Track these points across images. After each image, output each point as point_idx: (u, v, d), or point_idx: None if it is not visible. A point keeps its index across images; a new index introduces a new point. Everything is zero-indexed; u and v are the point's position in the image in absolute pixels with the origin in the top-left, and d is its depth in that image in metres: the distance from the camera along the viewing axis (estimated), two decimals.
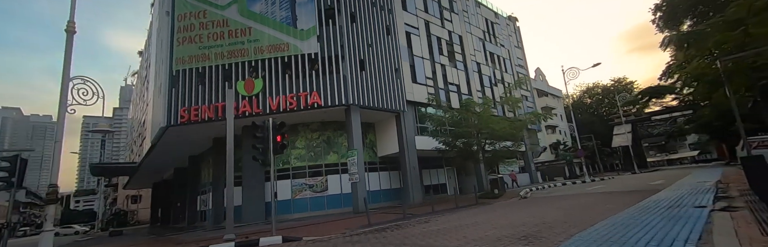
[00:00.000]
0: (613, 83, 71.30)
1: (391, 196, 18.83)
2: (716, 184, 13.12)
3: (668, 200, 9.87)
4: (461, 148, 17.45)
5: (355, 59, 15.95)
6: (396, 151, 18.26)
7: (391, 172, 19.42)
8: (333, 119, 17.03)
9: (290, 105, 14.42)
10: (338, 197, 16.79)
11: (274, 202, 8.74)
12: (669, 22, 24.44)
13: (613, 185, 19.14)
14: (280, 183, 16.43)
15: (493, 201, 15.51)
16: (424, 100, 18.86)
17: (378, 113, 17.59)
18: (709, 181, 15.49)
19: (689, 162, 79.28)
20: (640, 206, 9.03)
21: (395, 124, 18.41)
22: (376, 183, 18.57)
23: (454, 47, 23.39)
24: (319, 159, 16.84)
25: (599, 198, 12.42)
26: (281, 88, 14.65)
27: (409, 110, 18.68)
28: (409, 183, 17.74)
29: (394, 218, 11.72)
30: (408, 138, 18.22)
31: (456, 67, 22.93)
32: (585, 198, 12.82)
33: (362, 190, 15.13)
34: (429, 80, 20.33)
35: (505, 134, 16.55)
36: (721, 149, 73.35)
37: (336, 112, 15.84)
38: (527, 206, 11.81)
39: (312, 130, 16.99)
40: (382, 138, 19.06)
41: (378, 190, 18.56)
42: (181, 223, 22.19)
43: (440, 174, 22.69)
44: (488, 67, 26.40)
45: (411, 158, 18.16)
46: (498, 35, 29.29)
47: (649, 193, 12.66)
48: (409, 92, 18.62)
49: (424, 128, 19.62)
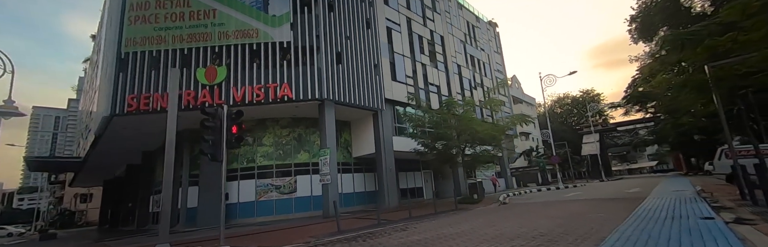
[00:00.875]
0: (582, 94, 73.07)
1: (365, 199, 17.46)
2: (699, 193, 12.55)
3: (662, 210, 9.04)
4: (440, 150, 16.34)
5: (331, 51, 14.60)
6: (372, 151, 16.96)
7: (367, 174, 18.07)
8: (305, 115, 15.55)
9: (257, 97, 12.86)
10: (308, 199, 15.26)
11: (223, 205, 7.19)
12: (644, 33, 24.54)
13: (590, 192, 18.53)
14: (243, 183, 14.74)
15: (473, 207, 14.43)
16: (403, 99, 17.70)
17: (354, 111, 16.25)
18: (686, 190, 15.06)
19: (648, 172, 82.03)
20: (638, 216, 8.09)
21: (372, 123, 17.13)
22: (350, 185, 17.15)
23: (435, 47, 22.44)
24: (289, 158, 15.27)
25: (585, 206, 11.54)
26: (248, 78, 13.07)
27: (387, 109, 17.44)
28: (385, 186, 16.45)
29: (368, 224, 10.38)
30: (385, 138, 16.96)
31: (437, 68, 21.96)
32: (571, 206, 11.92)
33: (334, 192, 13.69)
34: (409, 79, 19.21)
35: (487, 136, 15.57)
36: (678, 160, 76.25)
37: (309, 107, 14.38)
38: (512, 214, 10.75)
39: (282, 126, 15.43)
40: (357, 138, 17.70)
41: (351, 192, 17.15)
42: (131, 225, 19.89)
43: (417, 177, 21.51)
44: (469, 70, 25.63)
45: (388, 159, 16.89)
46: (479, 39, 28.70)
47: (635, 201, 11.91)
48: (388, 90, 17.41)
49: (403, 129, 18.42)
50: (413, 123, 16.71)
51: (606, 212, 9.25)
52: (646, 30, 24.03)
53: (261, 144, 15.06)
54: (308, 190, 15.31)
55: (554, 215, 9.53)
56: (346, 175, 17.10)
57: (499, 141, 16.65)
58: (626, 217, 8.11)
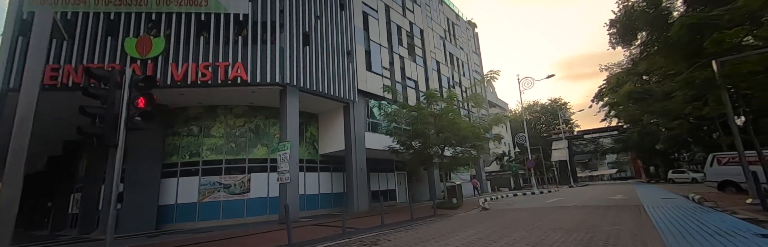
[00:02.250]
0: (551, 102, 73.82)
1: (331, 202, 15.13)
2: (699, 201, 11.10)
3: (684, 221, 7.33)
4: (417, 149, 14.29)
5: (297, 31, 12.31)
6: (341, 148, 14.69)
7: (334, 173, 15.76)
8: (265, 104, 13.12)
9: (203, 77, 10.35)
10: (263, 201, 12.77)
11: (113, 209, 4.76)
12: (624, 37, 23.68)
13: (572, 198, 16.99)
14: (184, 181, 12.07)
15: (453, 212, 12.42)
16: (378, 92, 15.61)
17: (323, 102, 13.98)
18: (674, 198, 13.74)
19: (608, 179, 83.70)
20: (669, 231, 6.28)
21: (343, 116, 14.90)
22: (315, 186, 14.79)
23: (414, 40, 20.55)
24: (243, 152, 12.74)
25: (583, 214, 9.75)
26: (193, 54, 10.55)
27: (360, 102, 15.26)
28: (355, 187, 14.20)
29: (330, 234, 8.13)
30: (357, 134, 14.75)
31: (415, 62, 20.04)
32: (567, 214, 10.11)
33: (294, 193, 11.33)
34: (386, 71, 17.15)
35: (470, 134, 13.66)
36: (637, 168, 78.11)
37: (268, 94, 12.00)
38: (504, 223, 8.77)
39: (236, 115, 12.89)
40: (326, 133, 15.39)
41: (316, 194, 14.78)
42: (44, 230, 16.52)
43: (391, 179, 19.36)
44: (448, 68, 23.90)
45: (359, 157, 14.67)
46: (458, 37, 27.14)
47: (633, 209, 10.28)
48: (362, 81, 15.25)
49: (377, 125, 16.27)
50: (389, 118, 14.59)
51: (619, 224, 7.42)
52: (627, 34, 23.14)
53: (209, 135, 12.46)
54: (264, 190, 12.82)
55: (559, 225, 7.61)
56: (311, 174, 14.73)
57: (482, 140, 14.80)
58: (654, 231, 6.29)
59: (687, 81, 10.79)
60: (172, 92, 10.93)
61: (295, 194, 11.36)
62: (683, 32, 11.20)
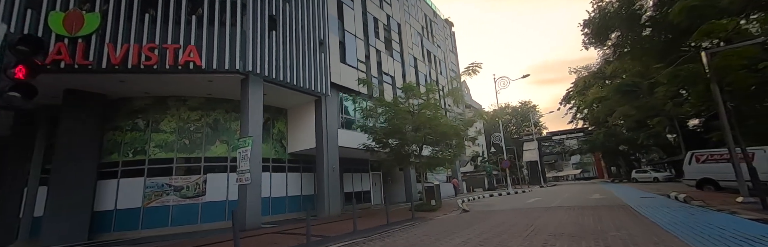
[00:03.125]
0: (521, 105, 75.00)
1: (300, 205, 13.66)
2: (685, 200, 10.49)
3: (694, 225, 6.47)
4: (394, 148, 13.09)
5: (262, 13, 10.85)
6: (312, 146, 13.26)
7: (304, 174, 14.29)
8: (225, 95, 11.54)
9: (147, 61, 8.70)
10: (221, 205, 11.14)
11: None
12: (598, 36, 23.54)
13: (550, 199, 16.29)
14: (126, 183, 10.26)
15: (432, 215, 11.27)
16: (353, 86, 14.31)
17: (291, 95, 12.54)
18: (654, 197, 13.25)
19: (573, 179, 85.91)
20: (687, 236, 5.35)
21: (314, 112, 13.48)
22: (282, 187, 13.27)
23: (391, 34, 19.42)
24: (198, 150, 11.07)
25: (576, 216, 8.83)
26: (135, 33, 8.88)
27: (333, 96, 13.91)
28: (326, 189, 12.79)
29: (292, 244, 6.74)
30: (329, 131, 13.37)
31: (392, 57, 18.89)
32: (557, 215, 9.18)
33: (255, 196, 9.82)
34: (361, 64, 15.88)
35: (451, 131, 12.60)
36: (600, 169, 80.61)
37: (228, 83, 10.46)
38: (492, 227, 7.67)
39: (190, 107, 11.21)
40: (295, 129, 13.91)
41: (283, 196, 13.26)
42: None
43: (365, 179, 18.04)
44: (425, 65, 22.93)
45: (331, 156, 13.29)
46: (436, 35, 26.28)
47: (623, 210, 9.52)
48: (335, 73, 13.92)
49: (351, 121, 14.95)
50: (364, 113, 13.31)
51: (624, 228, 6.47)
52: (600, 33, 22.98)
53: (158, 130, 10.70)
54: (223, 192, 11.20)
55: (557, 230, 6.57)
56: (278, 174, 13.20)
57: (463, 138, 13.79)
58: (671, 236, 5.34)
59: (674, 74, 10.21)
60: (111, 79, 9.20)
61: (256, 197, 9.85)
62: (683, 16, 10.51)
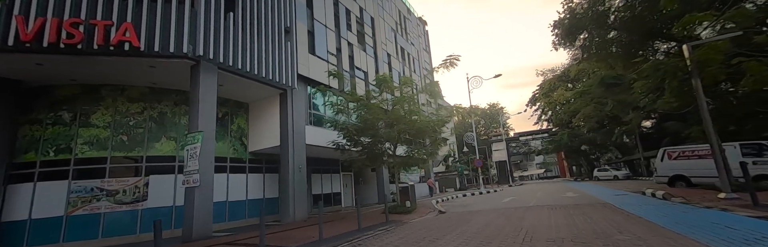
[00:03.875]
0: (489, 107, 76.26)
1: (262, 209, 12.17)
2: (665, 197, 10.10)
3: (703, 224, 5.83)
4: (366, 146, 12.01)
5: None
6: (276, 144, 11.91)
7: (267, 175, 12.88)
8: (174, 86, 10.00)
9: (69, 38, 7.12)
10: (167, 211, 9.57)
11: None
12: (568, 36, 23.59)
13: (525, 198, 15.76)
14: (44, 187, 8.48)
15: (407, 218, 10.27)
16: (323, 79, 13.09)
17: (253, 87, 11.16)
18: (626, 194, 12.97)
19: (537, 178, 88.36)
20: (712, 240, 4.61)
21: (279, 106, 12.14)
22: (241, 190, 11.81)
23: (364, 28, 18.37)
24: (139, 148, 9.45)
25: (563, 216, 8.08)
26: (55, 5, 7.28)
27: (300, 89, 12.64)
28: (291, 191, 11.48)
29: None
30: (296, 128, 12.08)
31: (365, 52, 17.82)
32: (542, 216, 8.40)
33: (205, 200, 8.41)
34: (332, 57, 14.69)
35: (425, 126, 11.68)
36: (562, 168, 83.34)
37: (177, 71, 8.98)
38: (477, 230, 6.74)
39: (130, 98, 9.56)
40: (257, 126, 12.49)
41: (242, 200, 11.81)
42: None
43: (335, 180, 16.80)
44: (399, 63, 22.02)
45: (297, 155, 12.00)
46: (409, 32, 25.49)
47: (608, 208, 8.92)
48: (303, 65, 12.65)
49: (321, 117, 13.71)
50: (335, 108, 12.12)
51: (626, 230, 5.70)
52: (570, 34, 23.01)
53: (88, 124, 8.98)
54: (168, 197, 9.63)
55: (553, 234, 5.71)
56: (237, 176, 11.73)
57: (439, 134, 12.90)
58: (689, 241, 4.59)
59: (655, 68, 9.83)
60: (25, 61, 7.50)
61: (206, 202, 8.42)
62: (675, 3, 10.04)
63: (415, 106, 12.32)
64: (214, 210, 10.52)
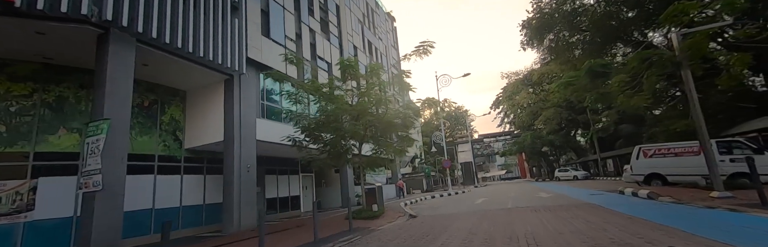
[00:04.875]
0: (454, 109, 76.79)
1: (202, 217, 10.20)
2: (651, 196, 9.28)
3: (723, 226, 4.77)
4: (328, 142, 10.34)
5: None
6: (220, 140, 9.91)
7: (210, 176, 10.79)
8: (77, 63, 7.80)
9: None
10: (64, 224, 7.33)
11: None
12: (536, 36, 23.23)
13: (497, 198, 14.73)
14: None
15: (375, 223, 8.69)
16: (278, 64, 11.23)
17: (191, 71, 9.18)
18: (602, 194, 12.24)
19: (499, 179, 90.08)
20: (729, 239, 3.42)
21: (223, 95, 10.16)
22: (174, 195, 9.70)
23: (328, 16, 16.68)
24: (24, 142, 7.17)
25: (554, 219, 6.85)
26: None
27: (251, 76, 10.75)
28: (237, 195, 9.53)
29: None
30: (244, 121, 10.16)
31: (330, 41, 16.13)
32: (532, 220, 7.12)
33: (110, 209, 6.38)
34: (291, 43, 12.89)
35: (393, 119, 10.22)
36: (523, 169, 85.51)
37: (78, 41, 6.87)
38: (463, 240, 5.27)
39: (12, 76, 7.21)
40: (196, 118, 10.41)
41: (176, 207, 9.69)
42: None
43: (294, 182, 14.88)
44: (366, 56, 20.49)
45: (246, 153, 10.07)
46: (377, 27, 24.06)
47: (599, 210, 7.87)
48: (254, 48, 10.78)
49: (274, 109, 11.83)
50: (291, 99, 10.34)
51: (649, 238, 4.47)
52: (538, 33, 22.65)
53: None
54: (68, 206, 7.39)
55: (563, 244, 4.36)
56: (168, 177, 9.59)
57: (408, 130, 11.48)
58: None
59: (641, 58, 9.02)
60: None
61: (112, 211, 6.36)
62: None
63: (384, 95, 10.83)
64: (136, 221, 8.42)
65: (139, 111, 9.08)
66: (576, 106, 40.49)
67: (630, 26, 19.96)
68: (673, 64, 8.64)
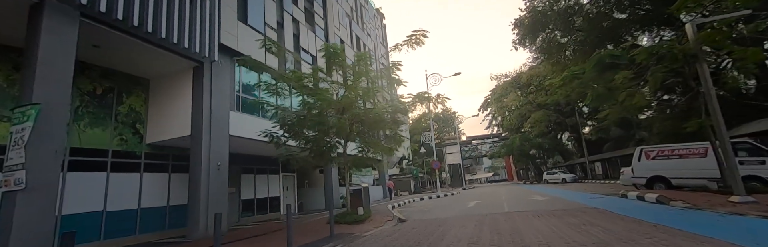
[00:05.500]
0: (442, 111, 76.44)
1: (164, 221, 9.04)
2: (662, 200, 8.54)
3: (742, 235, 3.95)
4: (311, 139, 9.31)
5: None
6: (186, 134, 8.77)
7: (175, 174, 9.62)
8: (11, 41, 6.60)
9: None
10: None
11: None
12: (528, 35, 22.67)
13: (490, 201, 13.95)
14: None
15: (359, 229, 7.70)
16: (256, 53, 10.14)
17: (154, 56, 8.08)
18: (601, 197, 11.52)
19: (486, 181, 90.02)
20: None
21: (192, 85, 9.04)
22: (132, 195, 8.55)
23: (314, 6, 15.71)
24: None
25: (567, 226, 6.00)
26: None
27: (225, 64, 9.65)
28: (204, 196, 8.41)
29: None
30: (215, 113, 9.06)
31: (315, 33, 15.11)
32: (542, 227, 6.27)
33: (39, 213, 5.25)
34: (271, 31, 11.84)
35: (382, 113, 9.28)
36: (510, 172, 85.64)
37: (9, 14, 5.71)
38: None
39: None
40: (161, 110, 9.25)
41: (133, 209, 8.52)
42: None
43: (273, 183, 13.79)
44: (353, 51, 19.49)
45: (217, 149, 8.96)
46: (366, 22, 23.14)
47: (608, 215, 7.07)
48: (229, 33, 9.70)
49: (251, 102, 10.72)
50: (269, 91, 9.27)
51: None
52: (530, 32, 22.10)
53: None
54: None
55: None
56: (125, 176, 8.41)
57: (399, 126, 10.54)
58: None
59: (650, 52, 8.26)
60: None
61: (41, 215, 5.23)
62: None
63: (372, 86, 9.89)
64: (81, 225, 7.24)
65: (90, 99, 7.90)
66: (564, 109, 40.37)
67: (621, 28, 19.61)
68: (688, 57, 7.95)
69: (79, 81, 7.60)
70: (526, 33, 22.57)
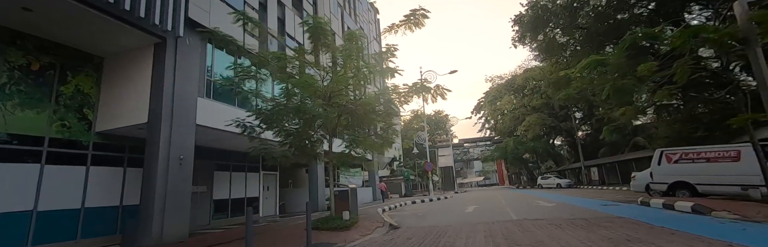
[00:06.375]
0: (434, 114, 75.62)
1: (115, 222, 7.69)
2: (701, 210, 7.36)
3: None
4: (293, 133, 8.02)
5: None
6: (143, 121, 7.41)
7: (132, 169, 8.24)
8: None
9: None
10: None
11: None
12: (529, 31, 21.73)
13: (490, 206, 12.78)
14: None
15: (343, 237, 6.40)
16: (231, 31, 8.79)
17: (105, 28, 6.74)
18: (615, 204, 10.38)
19: (477, 185, 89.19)
20: None
21: (152, 65, 7.69)
22: (75, 192, 7.19)
23: None
24: None
25: (597, 239, 4.80)
26: None
27: (194, 43, 8.34)
28: (161, 195, 7.07)
29: None
30: (178, 98, 7.72)
31: (302, 19, 13.82)
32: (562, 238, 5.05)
33: None
34: (252, 12, 10.57)
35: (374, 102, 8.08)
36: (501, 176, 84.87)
37: None
38: None
39: None
40: (114, 93, 7.89)
41: (75, 209, 7.16)
42: None
43: (252, 182, 12.42)
44: None
45: (179, 140, 7.61)
46: (359, 15, 21.96)
47: (640, 226, 5.90)
48: (199, 8, 8.41)
49: (225, 89, 9.38)
50: (242, 73, 7.94)
51: None
52: (532, 29, 21.15)
53: None
54: None
55: None
56: (66, 169, 7.03)
57: (393, 117, 9.33)
58: None
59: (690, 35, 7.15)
60: None
61: None
62: None
63: (369, 66, 8.68)
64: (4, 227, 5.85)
65: (22, 75, 6.52)
66: (558, 113, 39.64)
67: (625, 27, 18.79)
68: (739, 41, 6.88)
69: (6, 52, 6.23)
70: (526, 30, 21.66)
